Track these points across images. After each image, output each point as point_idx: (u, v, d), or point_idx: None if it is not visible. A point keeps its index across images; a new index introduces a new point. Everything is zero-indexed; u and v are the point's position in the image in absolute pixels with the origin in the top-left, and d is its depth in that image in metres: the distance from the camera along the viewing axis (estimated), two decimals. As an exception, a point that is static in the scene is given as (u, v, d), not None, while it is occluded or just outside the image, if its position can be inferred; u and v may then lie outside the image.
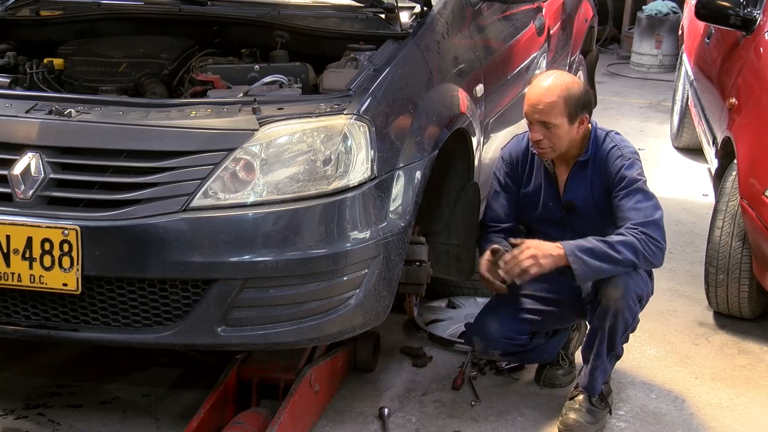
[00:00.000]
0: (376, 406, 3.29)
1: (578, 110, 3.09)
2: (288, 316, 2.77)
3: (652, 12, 9.04)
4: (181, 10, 3.62)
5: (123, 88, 3.22)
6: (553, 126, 3.07)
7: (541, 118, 3.08)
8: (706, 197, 5.57)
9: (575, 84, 3.14)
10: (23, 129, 2.79)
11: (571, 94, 3.08)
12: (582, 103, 3.10)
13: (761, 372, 3.70)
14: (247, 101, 2.86)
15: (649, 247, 3.01)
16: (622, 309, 3.06)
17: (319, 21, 3.55)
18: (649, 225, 3.04)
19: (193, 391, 3.33)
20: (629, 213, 3.06)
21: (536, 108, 3.09)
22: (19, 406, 3.25)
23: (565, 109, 3.07)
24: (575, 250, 3.00)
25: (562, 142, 3.11)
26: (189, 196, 2.68)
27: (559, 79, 3.13)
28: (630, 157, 3.14)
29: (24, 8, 3.80)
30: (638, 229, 3.02)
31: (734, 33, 4.75)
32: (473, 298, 4.05)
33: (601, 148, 3.17)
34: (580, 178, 3.20)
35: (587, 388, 3.21)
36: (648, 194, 3.09)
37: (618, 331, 3.11)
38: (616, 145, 3.17)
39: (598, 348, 3.14)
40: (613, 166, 3.13)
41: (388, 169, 2.89)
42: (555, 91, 3.08)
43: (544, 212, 3.28)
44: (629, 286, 3.05)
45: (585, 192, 3.20)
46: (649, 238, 3.02)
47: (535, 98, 3.10)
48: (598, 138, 3.19)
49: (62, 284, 2.69)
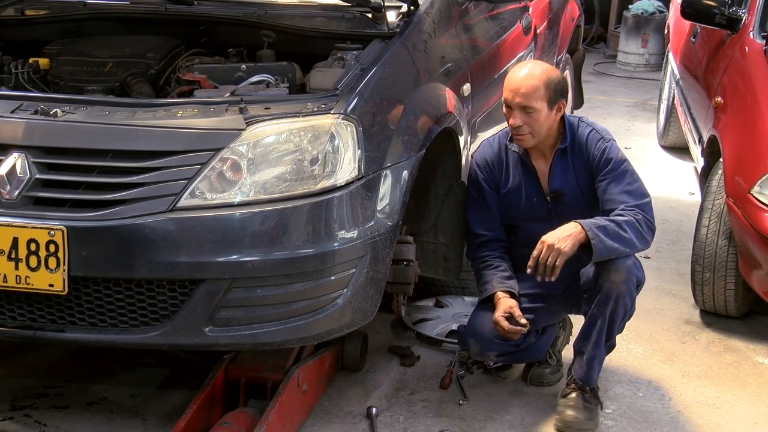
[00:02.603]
0: (364, 406, 3.29)
1: (557, 96, 3.15)
2: (275, 315, 2.76)
3: (639, 11, 9.07)
4: (168, 10, 3.61)
5: (109, 87, 3.21)
6: (534, 110, 3.11)
7: (522, 102, 3.12)
8: (692, 196, 5.59)
9: (553, 71, 3.23)
10: (8, 129, 2.77)
11: (551, 78, 3.15)
12: (560, 89, 3.17)
13: (747, 369, 3.72)
14: (233, 101, 2.86)
15: (645, 228, 3.08)
16: (624, 293, 3.08)
17: (305, 20, 3.55)
18: (644, 207, 3.11)
19: (181, 391, 3.32)
20: (622, 196, 3.11)
21: (518, 92, 3.12)
22: (5, 407, 3.23)
23: (545, 93, 3.12)
24: (593, 227, 3.03)
25: (542, 128, 3.15)
26: (176, 196, 2.67)
27: (538, 66, 3.23)
28: (609, 138, 3.22)
29: (9, 7, 3.78)
30: (635, 210, 3.08)
31: (720, 32, 4.77)
32: (461, 297, 4.05)
33: (578, 134, 3.22)
34: (563, 166, 3.23)
35: (584, 379, 3.22)
36: (635, 175, 3.17)
37: (618, 317, 3.13)
38: (593, 128, 3.23)
39: (597, 336, 3.15)
40: (596, 150, 3.18)
41: (375, 168, 2.89)
42: (536, 75, 3.13)
43: (528, 208, 3.29)
44: (630, 270, 3.09)
45: (570, 179, 3.23)
46: (646, 220, 3.09)
47: (516, 83, 3.14)
48: (572, 125, 3.24)
49: (48, 285, 2.68)
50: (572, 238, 3.02)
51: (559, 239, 3.02)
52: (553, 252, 3.02)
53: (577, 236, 3.02)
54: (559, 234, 3.04)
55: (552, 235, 3.05)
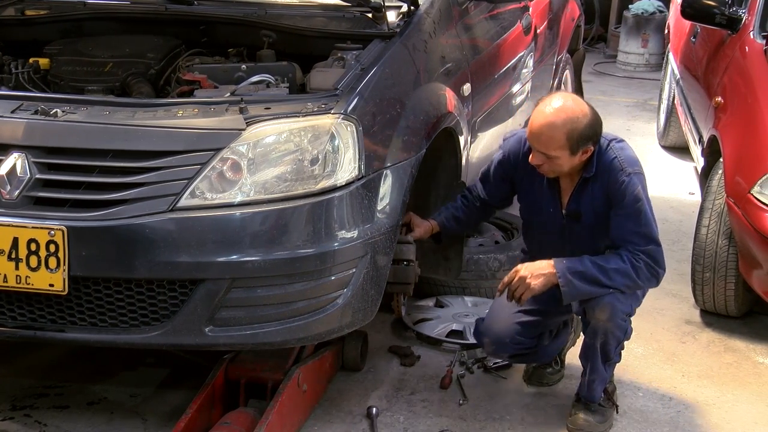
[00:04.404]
0: (364, 406, 3.29)
1: (582, 143, 2.94)
2: (276, 315, 2.77)
3: (639, 11, 9.06)
4: (168, 10, 3.61)
5: (109, 87, 3.21)
6: (554, 157, 2.97)
7: (540, 149, 2.97)
8: (692, 195, 5.59)
9: (582, 114, 2.94)
10: (9, 129, 2.78)
11: (575, 128, 2.91)
12: (587, 137, 2.94)
13: (747, 369, 3.72)
14: (234, 101, 2.86)
15: (646, 274, 3.00)
16: (612, 329, 3.06)
17: (306, 20, 3.56)
18: (651, 253, 3.00)
19: (181, 391, 3.32)
20: (630, 236, 2.99)
21: (538, 139, 2.96)
22: (5, 407, 3.24)
23: (567, 143, 2.92)
24: (566, 272, 2.98)
25: (563, 168, 3.01)
26: (176, 196, 2.68)
27: (565, 111, 2.92)
28: (630, 171, 3.01)
29: (9, 7, 3.78)
30: (641, 256, 2.98)
31: (720, 32, 4.77)
32: (461, 297, 4.05)
33: (602, 161, 3.04)
34: (585, 191, 3.10)
35: (587, 397, 3.21)
36: (648, 216, 3.02)
37: (611, 347, 3.11)
38: (616, 157, 3.03)
39: (593, 362, 3.14)
40: (615, 182, 3.01)
41: (375, 168, 2.89)
42: (558, 125, 2.90)
43: (544, 216, 3.21)
44: (616, 308, 3.02)
45: (588, 203, 3.10)
46: (649, 267, 2.99)
47: (537, 128, 2.95)
48: (600, 151, 3.04)
49: (49, 285, 2.68)
50: (544, 278, 2.99)
51: (532, 275, 3.00)
52: (522, 285, 3.01)
53: (549, 277, 2.99)
54: (533, 269, 3.01)
55: (527, 267, 3.02)
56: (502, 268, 4.02)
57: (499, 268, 4.02)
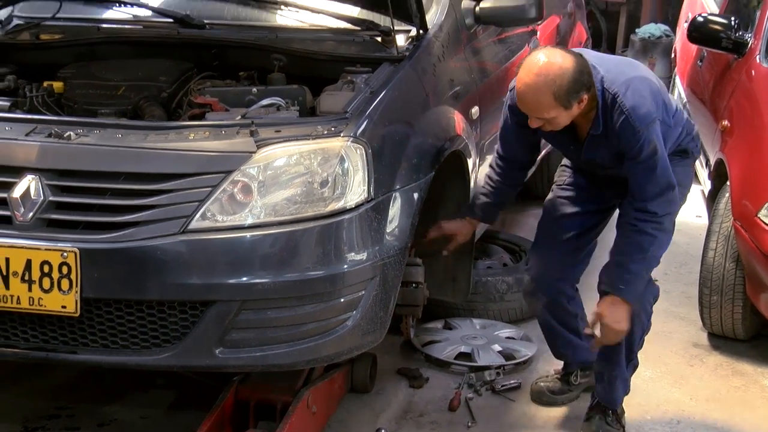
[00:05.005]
0: (372, 428, 3.30)
1: (572, 96, 2.85)
2: (285, 337, 2.77)
3: (646, 35, 9.09)
4: (180, 34, 3.64)
5: (122, 110, 3.23)
6: (550, 118, 2.90)
7: (534, 114, 2.92)
8: (699, 218, 5.59)
9: (562, 70, 2.83)
10: (23, 152, 2.80)
11: (561, 84, 2.82)
12: (575, 89, 2.84)
13: (755, 393, 3.71)
14: (244, 124, 2.88)
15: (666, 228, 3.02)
16: (638, 312, 3.10)
17: (316, 44, 3.58)
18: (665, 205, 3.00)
19: (191, 412, 3.32)
20: (648, 193, 2.97)
21: (528, 107, 2.92)
22: (17, 428, 3.25)
23: (557, 102, 2.84)
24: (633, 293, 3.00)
25: (566, 122, 2.95)
26: (187, 218, 2.69)
27: (545, 72, 2.83)
28: (641, 129, 2.89)
29: (24, 32, 3.82)
30: (655, 225, 2.97)
31: (726, 56, 4.79)
32: (469, 319, 4.06)
33: (611, 121, 2.94)
34: (598, 144, 3.04)
35: (607, 400, 3.24)
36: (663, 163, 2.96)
37: (636, 336, 3.15)
38: (626, 115, 2.90)
39: (618, 356, 3.17)
40: (628, 143, 2.93)
41: (384, 191, 2.91)
42: (542, 89, 2.83)
43: (568, 153, 3.29)
44: (644, 293, 3.11)
45: (604, 154, 3.06)
46: (656, 223, 2.98)
47: (523, 97, 2.90)
48: (606, 109, 2.94)
49: (61, 306, 2.69)
50: (625, 315, 2.99)
51: (617, 321, 2.98)
52: (618, 335, 3.02)
53: (627, 312, 2.99)
54: (612, 319, 2.98)
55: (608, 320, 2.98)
56: (510, 290, 4.04)
57: (507, 290, 4.04)
